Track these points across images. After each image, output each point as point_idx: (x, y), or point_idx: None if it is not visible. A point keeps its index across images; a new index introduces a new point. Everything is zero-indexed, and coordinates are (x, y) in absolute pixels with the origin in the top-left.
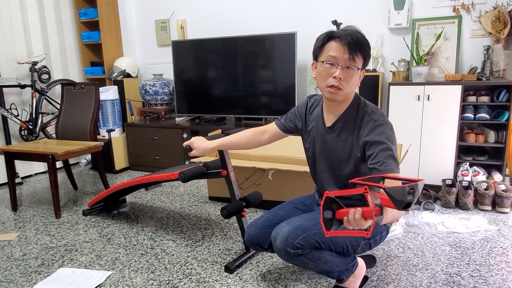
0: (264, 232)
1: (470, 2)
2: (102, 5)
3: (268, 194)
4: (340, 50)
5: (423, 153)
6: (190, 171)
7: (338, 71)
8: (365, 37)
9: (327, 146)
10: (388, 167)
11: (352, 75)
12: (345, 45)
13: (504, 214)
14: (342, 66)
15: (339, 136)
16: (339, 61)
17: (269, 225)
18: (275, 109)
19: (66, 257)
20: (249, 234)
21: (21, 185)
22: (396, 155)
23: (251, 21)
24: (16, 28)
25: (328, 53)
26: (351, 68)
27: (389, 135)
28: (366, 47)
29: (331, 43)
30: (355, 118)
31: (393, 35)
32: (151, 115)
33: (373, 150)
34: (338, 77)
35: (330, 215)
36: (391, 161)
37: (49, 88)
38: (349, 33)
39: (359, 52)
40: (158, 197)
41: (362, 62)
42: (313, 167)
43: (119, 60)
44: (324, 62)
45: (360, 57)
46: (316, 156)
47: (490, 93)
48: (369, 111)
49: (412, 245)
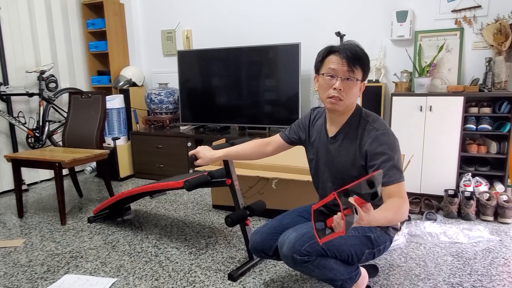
0: (269, 240)
1: (472, 15)
2: (110, 16)
3: (271, 203)
4: (339, 63)
5: (425, 164)
6: (195, 180)
7: (338, 82)
8: (363, 51)
9: (330, 156)
10: (391, 178)
11: (352, 86)
12: (344, 58)
13: (506, 224)
14: (341, 77)
15: (341, 146)
16: (339, 73)
17: (274, 233)
18: (279, 118)
19: (72, 264)
20: (254, 241)
21: (27, 192)
22: (399, 163)
23: (255, 32)
24: (25, 37)
25: (328, 66)
26: (350, 80)
27: (392, 144)
28: (364, 59)
29: (331, 56)
30: (357, 127)
31: (396, 47)
32: (155, 124)
33: (375, 161)
34: (338, 88)
35: (322, 226)
36: (393, 172)
37: (56, 97)
38: (348, 47)
39: (358, 64)
40: (162, 205)
41: (362, 74)
42: (316, 177)
43: (125, 69)
44: (325, 75)
45: (359, 69)
46: (319, 166)
47: (492, 105)
48: (371, 120)
49: (414, 255)
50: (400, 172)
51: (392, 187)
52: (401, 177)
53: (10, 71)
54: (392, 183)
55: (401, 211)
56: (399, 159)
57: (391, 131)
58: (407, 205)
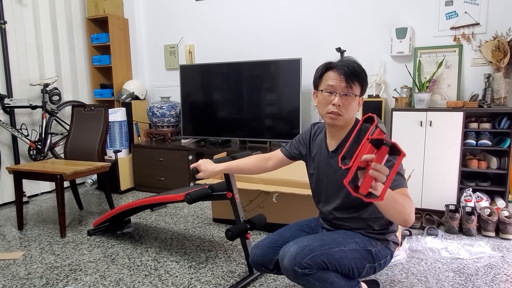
0: (269, 253)
1: (470, 32)
2: (114, 31)
3: (272, 216)
4: (337, 79)
5: (426, 178)
6: (196, 193)
7: (337, 98)
8: (361, 66)
9: (332, 169)
10: (396, 183)
11: (350, 102)
12: (342, 74)
13: (507, 240)
14: (340, 93)
15: None
16: (337, 89)
17: (274, 246)
18: (279, 132)
19: (71, 277)
20: (254, 254)
21: (28, 204)
22: (401, 170)
23: (257, 47)
24: (30, 51)
25: (327, 82)
26: (349, 95)
27: None
28: (362, 75)
29: (329, 73)
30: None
31: (396, 62)
32: (157, 137)
33: None
34: (337, 104)
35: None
36: (397, 177)
37: (59, 109)
38: (345, 63)
39: (356, 80)
40: (162, 218)
41: (360, 89)
42: (318, 192)
43: (128, 83)
44: (324, 91)
45: (357, 85)
46: (320, 180)
47: (492, 120)
48: None
49: (415, 270)
50: (404, 178)
51: (397, 191)
52: (404, 183)
53: (14, 83)
54: (397, 187)
55: (410, 206)
56: (401, 168)
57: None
58: (413, 205)
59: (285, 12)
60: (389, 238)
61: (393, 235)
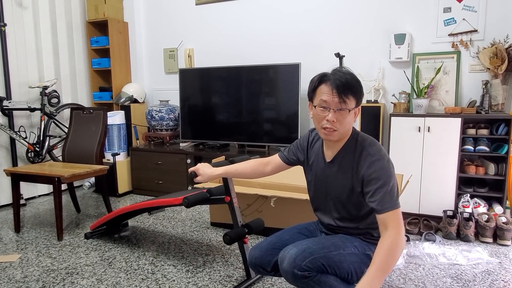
0: (267, 255)
1: (468, 39)
2: (114, 34)
3: (270, 221)
4: (330, 94)
5: (424, 184)
6: (194, 197)
7: (331, 114)
8: (354, 78)
9: (328, 180)
10: (385, 206)
11: (345, 116)
12: (334, 89)
13: (505, 246)
14: (334, 109)
15: (338, 171)
16: (331, 105)
17: (273, 248)
18: (278, 137)
19: (67, 280)
20: (252, 256)
21: (25, 207)
22: (393, 189)
23: (256, 52)
24: (29, 53)
25: (320, 97)
26: (343, 110)
27: (386, 170)
28: (356, 86)
29: (322, 86)
30: (354, 152)
31: (394, 68)
32: (156, 140)
33: (370, 187)
34: (331, 120)
35: None
36: (387, 199)
37: (58, 112)
38: (338, 76)
39: (350, 93)
40: (160, 222)
41: (355, 102)
42: (316, 200)
43: (127, 86)
44: (317, 107)
45: (352, 98)
46: (318, 188)
47: (490, 126)
48: (367, 145)
49: (413, 276)
50: (394, 199)
51: (385, 215)
52: (395, 204)
53: (13, 86)
54: (385, 211)
55: (395, 251)
56: (394, 185)
57: (386, 156)
58: (402, 235)
59: (285, 17)
60: None
61: None
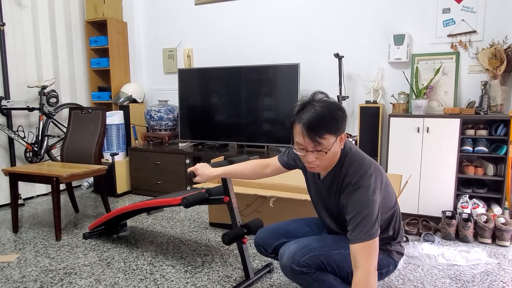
0: (271, 238)
1: (468, 40)
2: (113, 34)
3: (269, 221)
4: (302, 137)
5: (423, 185)
6: (193, 197)
7: (309, 156)
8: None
9: (322, 195)
10: (356, 237)
11: (325, 155)
12: (305, 131)
13: (504, 247)
14: (311, 150)
15: (329, 192)
16: (307, 147)
17: (277, 233)
18: (277, 137)
19: (65, 280)
20: (257, 236)
21: (23, 207)
22: (368, 219)
23: (255, 52)
24: (28, 53)
25: (296, 138)
26: (320, 151)
27: (362, 199)
28: (330, 121)
29: (295, 126)
30: (339, 178)
31: (393, 69)
32: (154, 140)
33: (347, 215)
34: (310, 162)
35: None
36: (358, 230)
37: (57, 112)
38: (309, 114)
39: (323, 132)
40: (158, 222)
41: (333, 137)
42: (314, 205)
43: (126, 86)
44: (295, 148)
45: (328, 136)
46: (315, 198)
47: (488, 127)
48: (350, 172)
49: (412, 276)
50: (367, 230)
51: (354, 246)
52: (366, 235)
53: (12, 85)
54: (355, 242)
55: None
56: (369, 215)
57: (366, 184)
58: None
59: (284, 17)
60: (392, 248)
61: (397, 245)
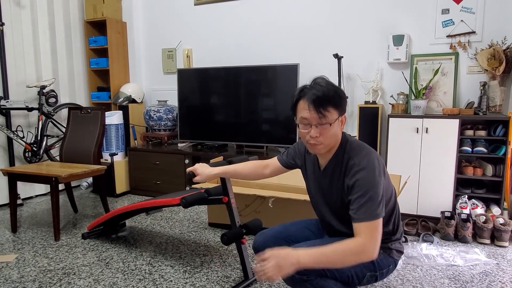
0: (270, 242)
1: (466, 40)
2: (112, 34)
3: (268, 221)
4: (308, 110)
5: (422, 185)
6: (192, 197)
7: (313, 130)
8: (333, 88)
9: (323, 188)
10: (360, 216)
11: (328, 130)
12: (311, 104)
13: (502, 248)
14: (315, 125)
15: (331, 181)
16: (311, 121)
17: (277, 237)
18: (276, 137)
19: (64, 281)
20: (256, 240)
21: (22, 207)
22: (373, 199)
23: (255, 52)
24: (27, 53)
25: (300, 114)
26: (324, 124)
27: (368, 179)
28: (335, 98)
29: (300, 102)
30: (342, 163)
31: (392, 69)
32: (154, 140)
33: (352, 195)
34: (313, 136)
35: None
36: (364, 209)
37: (56, 112)
38: (314, 90)
39: (329, 105)
40: (157, 222)
41: (336, 112)
42: (315, 206)
43: (125, 86)
44: (299, 125)
45: (332, 111)
46: (315, 194)
47: (487, 128)
48: (353, 155)
49: (411, 277)
50: (372, 209)
51: (358, 224)
52: (372, 215)
53: (11, 85)
54: (359, 221)
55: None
56: (375, 196)
57: (371, 165)
58: (371, 246)
59: (283, 18)
60: (392, 246)
61: (396, 243)
